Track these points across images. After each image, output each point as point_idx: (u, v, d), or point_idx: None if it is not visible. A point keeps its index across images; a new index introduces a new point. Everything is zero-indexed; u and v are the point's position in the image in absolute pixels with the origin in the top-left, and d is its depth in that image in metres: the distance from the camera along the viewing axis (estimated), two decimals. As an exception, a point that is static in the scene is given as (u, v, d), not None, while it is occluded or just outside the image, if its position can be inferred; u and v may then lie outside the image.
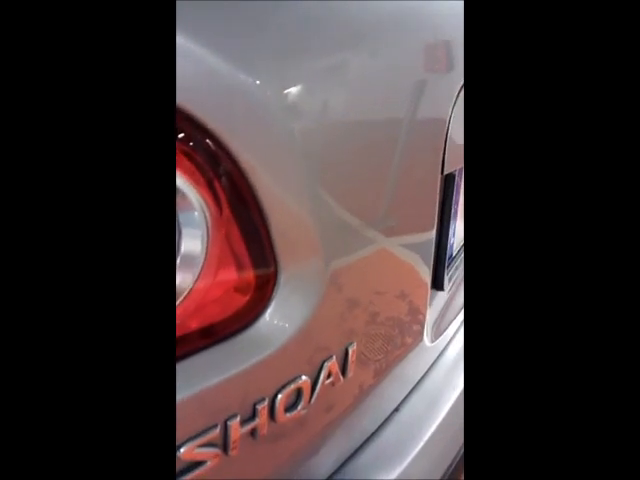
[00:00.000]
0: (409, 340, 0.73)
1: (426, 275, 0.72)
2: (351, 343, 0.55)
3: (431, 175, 0.58)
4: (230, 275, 0.41)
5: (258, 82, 0.39)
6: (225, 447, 0.45)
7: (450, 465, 0.80)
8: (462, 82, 0.59)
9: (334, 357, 0.53)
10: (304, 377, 0.50)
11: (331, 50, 0.47)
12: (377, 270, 0.56)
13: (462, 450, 0.82)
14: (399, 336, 0.69)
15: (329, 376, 0.53)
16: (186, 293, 0.39)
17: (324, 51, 0.46)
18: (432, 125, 0.57)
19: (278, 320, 0.45)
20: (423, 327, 0.73)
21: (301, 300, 0.46)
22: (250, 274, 0.42)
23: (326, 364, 0.52)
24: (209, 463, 0.44)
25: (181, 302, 0.39)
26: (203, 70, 0.36)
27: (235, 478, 0.48)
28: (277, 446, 0.52)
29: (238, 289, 0.42)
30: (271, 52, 0.41)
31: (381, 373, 0.66)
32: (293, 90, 0.42)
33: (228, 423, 0.44)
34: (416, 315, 0.71)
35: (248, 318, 0.44)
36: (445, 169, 0.59)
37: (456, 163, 0.62)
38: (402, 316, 0.66)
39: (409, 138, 0.53)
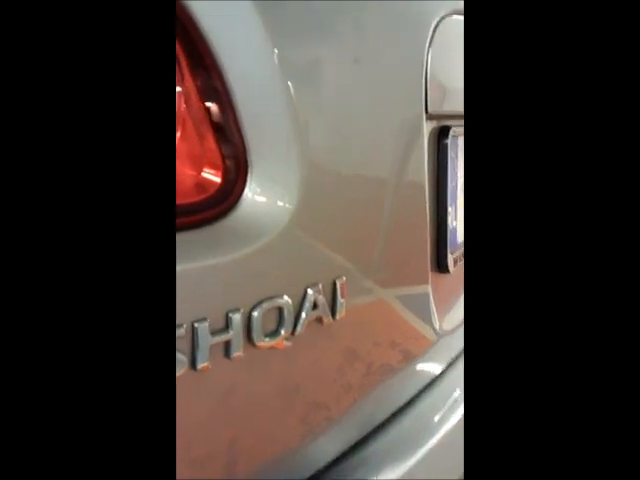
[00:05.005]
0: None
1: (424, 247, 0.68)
2: (339, 277, 0.51)
3: (411, 115, 0.57)
4: (191, 147, 0.39)
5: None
6: (193, 358, 0.40)
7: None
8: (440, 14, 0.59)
9: (320, 285, 0.49)
10: (285, 297, 0.46)
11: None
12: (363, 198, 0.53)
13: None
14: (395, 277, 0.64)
15: (315, 307, 0.48)
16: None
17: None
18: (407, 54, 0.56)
19: (252, 215, 0.42)
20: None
21: (278, 190, 0.43)
22: (213, 147, 0.40)
23: (310, 290, 0.48)
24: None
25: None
26: None
27: (205, 403, 0.42)
28: (258, 380, 0.46)
29: (201, 168, 0.40)
30: None
31: (376, 332, 0.60)
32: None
33: (196, 326, 0.40)
34: (417, 278, 0.66)
35: (220, 206, 0.41)
36: (429, 108, 0.57)
37: (443, 104, 0.60)
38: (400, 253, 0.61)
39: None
